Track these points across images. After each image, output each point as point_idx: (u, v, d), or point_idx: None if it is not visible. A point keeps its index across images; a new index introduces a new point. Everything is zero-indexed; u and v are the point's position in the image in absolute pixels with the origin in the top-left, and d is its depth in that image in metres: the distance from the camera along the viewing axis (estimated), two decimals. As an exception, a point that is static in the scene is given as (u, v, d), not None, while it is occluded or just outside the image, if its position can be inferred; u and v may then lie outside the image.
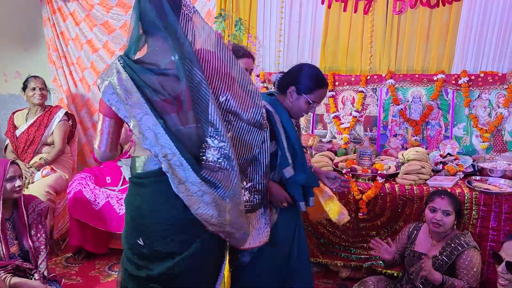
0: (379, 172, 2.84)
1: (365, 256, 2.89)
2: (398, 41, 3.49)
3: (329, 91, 3.56)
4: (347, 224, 2.88)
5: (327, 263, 3.01)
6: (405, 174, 2.81)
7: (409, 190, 2.74)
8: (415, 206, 2.73)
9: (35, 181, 3.36)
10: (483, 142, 3.22)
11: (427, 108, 3.37)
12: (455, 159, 3.04)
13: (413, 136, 3.41)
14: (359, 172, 2.92)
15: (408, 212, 2.75)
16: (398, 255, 2.36)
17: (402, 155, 2.95)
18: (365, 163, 3.05)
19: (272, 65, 3.85)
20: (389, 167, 2.96)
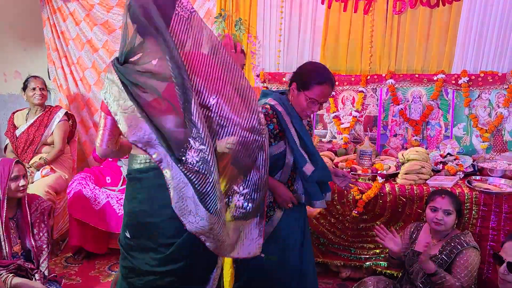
0: (379, 172, 2.84)
1: (365, 256, 2.89)
2: (398, 41, 3.49)
3: (329, 91, 3.56)
4: (346, 224, 2.88)
5: (327, 263, 3.01)
6: (405, 174, 2.81)
7: (409, 190, 2.74)
8: (415, 206, 2.73)
9: (34, 181, 3.36)
10: (483, 142, 3.22)
11: (427, 108, 3.37)
12: (455, 159, 3.04)
13: (413, 136, 3.41)
14: (359, 172, 2.92)
15: (408, 212, 2.75)
16: (403, 252, 2.35)
17: (402, 155, 2.95)
18: (365, 163, 3.05)
19: (272, 65, 3.85)
20: (389, 167, 2.96)
